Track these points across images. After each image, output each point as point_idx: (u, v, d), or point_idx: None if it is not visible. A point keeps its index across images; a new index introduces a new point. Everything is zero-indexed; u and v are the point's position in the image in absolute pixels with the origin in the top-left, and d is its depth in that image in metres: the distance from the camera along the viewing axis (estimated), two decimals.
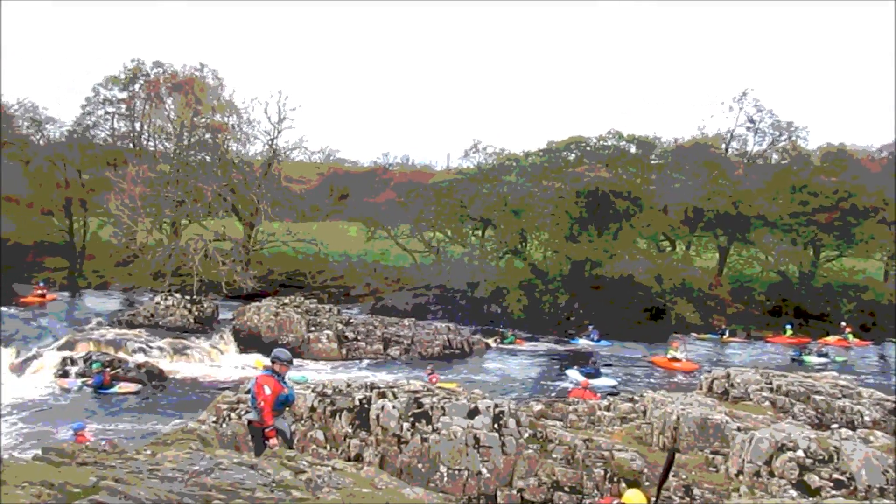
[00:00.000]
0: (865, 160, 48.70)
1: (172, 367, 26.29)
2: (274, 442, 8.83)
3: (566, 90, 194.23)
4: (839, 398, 14.20)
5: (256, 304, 31.19)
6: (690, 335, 34.35)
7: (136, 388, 23.15)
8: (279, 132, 41.37)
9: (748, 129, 45.63)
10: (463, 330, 31.82)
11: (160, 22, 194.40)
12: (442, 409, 12.49)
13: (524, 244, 39.88)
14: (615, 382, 25.38)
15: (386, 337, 29.89)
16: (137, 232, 36.57)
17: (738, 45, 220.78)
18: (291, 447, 9.43)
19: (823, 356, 30.48)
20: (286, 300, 31.82)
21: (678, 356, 28.50)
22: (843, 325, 35.01)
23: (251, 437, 9.49)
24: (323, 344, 29.01)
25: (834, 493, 9.48)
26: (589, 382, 22.75)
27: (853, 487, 9.54)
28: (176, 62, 64.85)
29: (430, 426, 12.24)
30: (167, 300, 32.05)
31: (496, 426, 12.28)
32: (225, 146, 40.57)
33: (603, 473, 11.61)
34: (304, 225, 48.99)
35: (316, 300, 34.07)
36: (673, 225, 39.69)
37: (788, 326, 35.52)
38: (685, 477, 11.07)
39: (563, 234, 36.91)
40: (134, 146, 47.18)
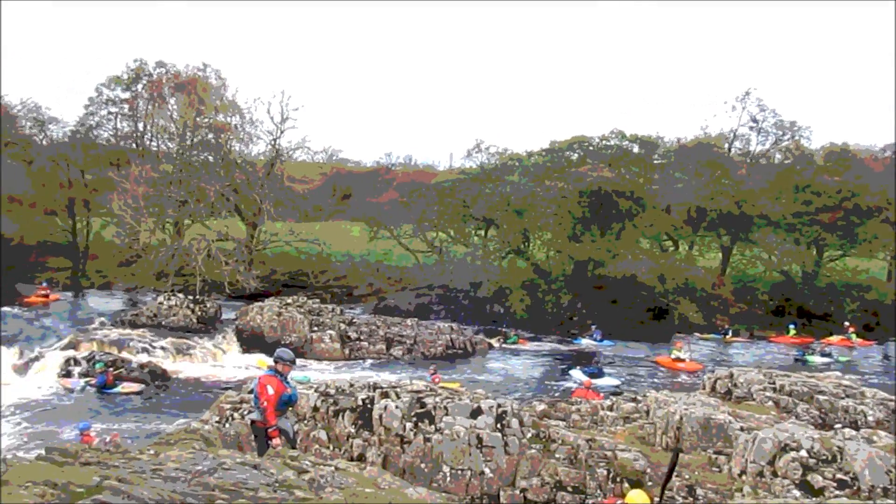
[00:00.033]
0: (869, 160, 48.65)
1: (175, 367, 26.34)
2: (277, 442, 8.84)
3: (569, 90, 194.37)
4: (842, 398, 14.18)
5: (259, 304, 31.22)
6: (693, 335, 34.31)
7: (139, 388, 23.19)
8: (282, 132, 41.47)
9: (751, 128, 45.67)
10: (466, 330, 31.80)
11: (163, 22, 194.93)
12: (445, 409, 12.50)
13: (527, 244, 39.84)
14: (618, 382, 25.38)
15: (389, 337, 29.90)
16: (140, 232, 36.66)
17: (741, 44, 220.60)
18: (294, 447, 9.43)
19: (827, 356, 30.45)
20: (289, 300, 31.85)
21: (682, 356, 28.48)
22: (846, 324, 34.96)
23: (254, 436, 9.51)
24: (326, 344, 29.02)
25: (837, 493, 9.47)
26: (592, 382, 22.73)
27: (857, 487, 9.52)
28: (179, 62, 64.92)
29: (433, 426, 12.25)
30: (170, 300, 32.12)
31: (499, 426, 12.28)
32: (228, 146, 40.58)
33: (606, 473, 11.60)
34: (306, 225, 48.99)
35: (319, 300, 34.09)
36: (676, 225, 39.64)
37: (792, 326, 35.46)
38: (688, 477, 11.05)
39: (565, 233, 36.88)
40: (137, 146, 47.25)
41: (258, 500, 5.67)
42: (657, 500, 9.60)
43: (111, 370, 23.56)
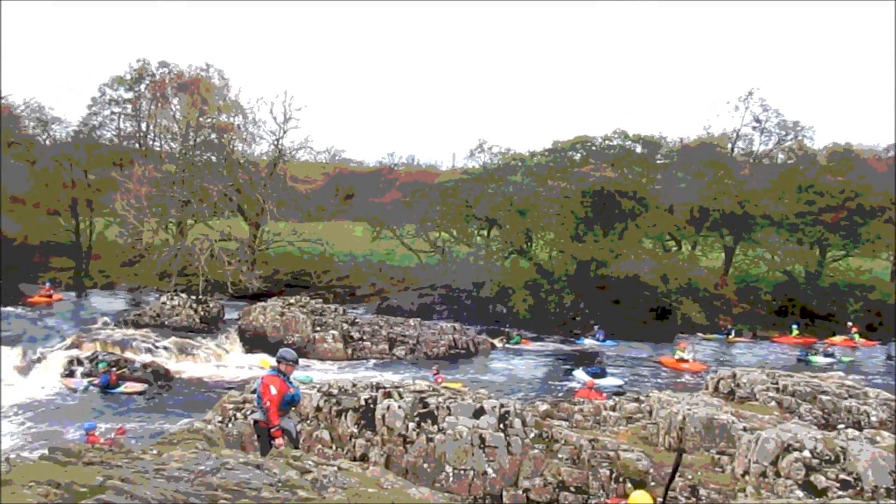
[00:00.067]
0: (872, 160, 48.57)
1: (178, 366, 26.38)
2: (280, 442, 8.84)
3: (572, 90, 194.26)
4: (845, 398, 14.17)
5: (262, 303, 31.24)
6: (696, 335, 34.30)
7: (141, 387, 23.22)
8: (285, 132, 41.50)
9: (754, 128, 45.65)
10: (468, 330, 31.81)
11: (166, 22, 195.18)
12: (447, 409, 12.49)
13: (529, 244, 39.83)
14: (621, 382, 25.36)
15: (391, 337, 29.91)
16: (143, 232, 36.70)
17: (744, 44, 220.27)
18: (297, 447, 9.43)
19: (830, 356, 30.39)
20: (292, 300, 31.86)
21: (686, 356, 28.45)
22: (849, 324, 34.95)
23: (257, 436, 9.50)
24: (328, 344, 29.04)
25: (840, 493, 9.46)
26: (595, 382, 22.72)
27: (860, 488, 9.51)
28: (181, 62, 64.94)
29: (435, 426, 12.24)
30: (173, 300, 32.16)
31: (502, 426, 12.28)
32: (230, 146, 40.63)
33: (609, 473, 11.60)
34: (309, 225, 49.02)
35: (321, 300, 34.09)
36: (678, 225, 39.60)
37: (794, 326, 35.43)
38: (691, 477, 11.05)
39: (568, 233, 36.86)
40: (140, 146, 47.36)
41: (261, 500, 5.68)
42: (660, 500, 9.59)
43: (114, 370, 23.61)
